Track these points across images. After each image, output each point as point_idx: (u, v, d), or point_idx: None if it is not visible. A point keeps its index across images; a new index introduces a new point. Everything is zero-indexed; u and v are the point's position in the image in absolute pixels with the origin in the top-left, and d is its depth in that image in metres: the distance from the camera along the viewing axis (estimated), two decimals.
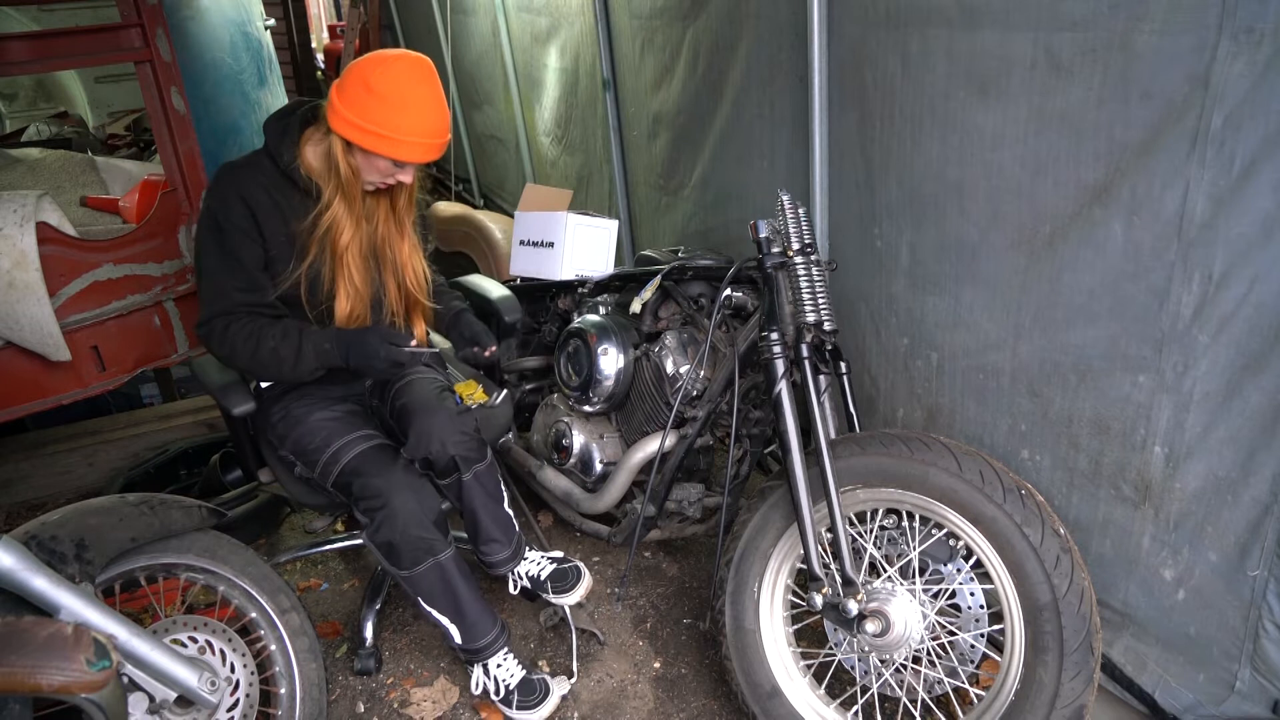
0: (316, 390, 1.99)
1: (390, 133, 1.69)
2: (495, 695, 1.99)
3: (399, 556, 1.86)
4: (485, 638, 1.95)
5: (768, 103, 2.36)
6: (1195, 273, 1.37)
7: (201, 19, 3.57)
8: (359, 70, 1.70)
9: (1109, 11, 1.38)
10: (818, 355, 1.84)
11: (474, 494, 1.97)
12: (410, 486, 1.85)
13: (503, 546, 2.07)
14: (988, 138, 1.66)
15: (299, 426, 1.94)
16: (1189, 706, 1.57)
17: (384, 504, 1.81)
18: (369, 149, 1.72)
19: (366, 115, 1.68)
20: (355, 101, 1.69)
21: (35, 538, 1.45)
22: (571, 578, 2.11)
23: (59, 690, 1.22)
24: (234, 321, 1.81)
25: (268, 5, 5.22)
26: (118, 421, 3.30)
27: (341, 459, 1.87)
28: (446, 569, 1.90)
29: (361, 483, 1.83)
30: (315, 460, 1.90)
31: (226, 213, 1.79)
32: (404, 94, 1.68)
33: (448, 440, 1.85)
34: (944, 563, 1.71)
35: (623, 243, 3.48)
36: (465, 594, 1.93)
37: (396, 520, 1.81)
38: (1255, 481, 1.39)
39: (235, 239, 1.80)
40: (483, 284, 2.44)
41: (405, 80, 1.69)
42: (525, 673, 1.99)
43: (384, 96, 1.67)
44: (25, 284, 2.47)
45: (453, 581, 1.91)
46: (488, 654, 1.97)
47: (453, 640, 1.96)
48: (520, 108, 4.47)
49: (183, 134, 2.92)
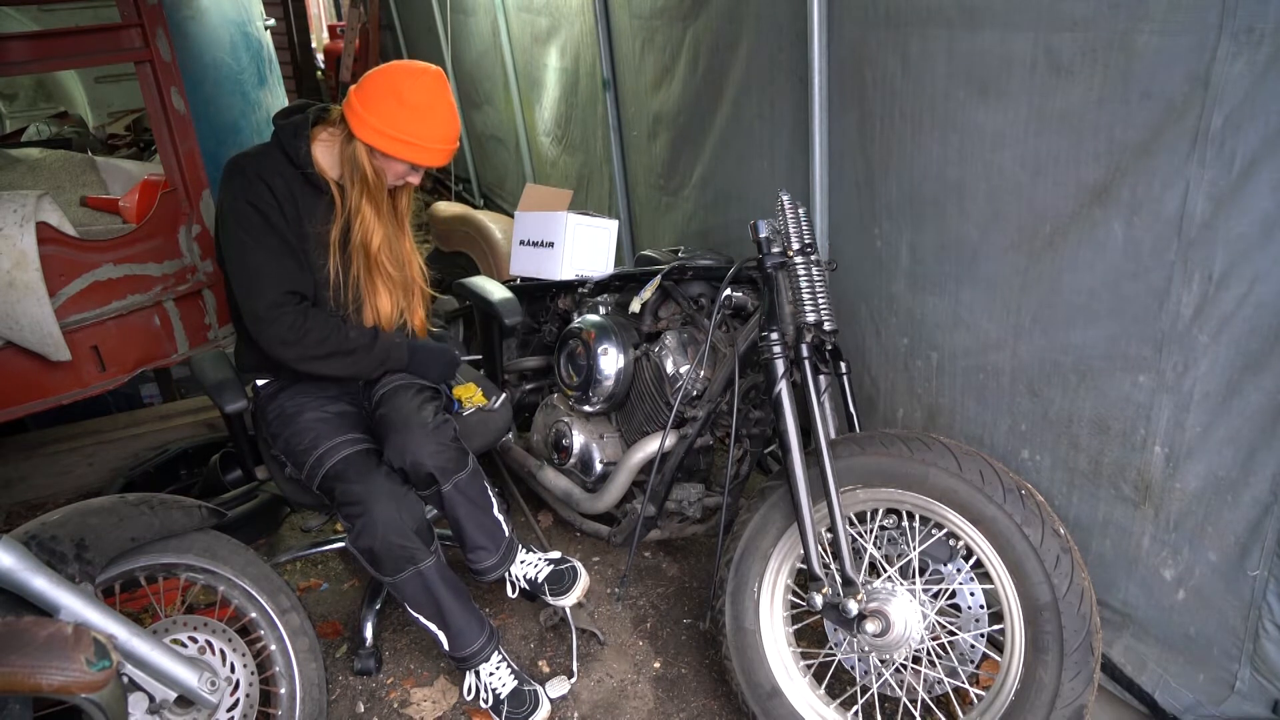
0: (313, 387, 1.99)
1: (418, 140, 1.80)
2: (485, 703, 1.98)
3: (380, 563, 1.85)
4: (471, 646, 1.94)
5: (768, 103, 2.36)
6: (1195, 273, 1.37)
7: (201, 19, 3.57)
8: (387, 81, 1.80)
9: (1109, 11, 1.38)
10: (818, 355, 1.84)
11: (456, 503, 1.94)
12: (391, 495, 1.83)
13: (489, 553, 2.01)
14: (988, 138, 1.66)
15: (290, 426, 1.94)
16: (1189, 706, 1.57)
17: (364, 511, 1.80)
18: (396, 155, 1.82)
19: (396, 125, 1.78)
20: (384, 111, 1.78)
21: (35, 538, 1.45)
22: (568, 579, 2.09)
23: (59, 690, 1.22)
24: (310, 307, 1.86)
25: (268, 5, 5.22)
26: (118, 421, 3.30)
27: (326, 463, 1.86)
28: (428, 577, 1.88)
29: (344, 488, 1.83)
30: (302, 462, 1.90)
31: (259, 197, 1.81)
32: (432, 105, 1.81)
33: (423, 453, 1.84)
34: (944, 563, 1.71)
35: (623, 243, 3.48)
36: (449, 602, 1.91)
37: (376, 528, 1.80)
38: (1255, 481, 1.39)
39: (276, 220, 1.83)
40: (484, 285, 2.44)
41: (433, 92, 1.82)
42: (517, 683, 1.97)
43: (415, 107, 1.78)
44: (25, 284, 2.47)
45: (435, 590, 1.89)
46: (475, 661, 1.96)
47: (442, 647, 1.95)
48: (520, 108, 4.46)
49: (183, 134, 2.93)
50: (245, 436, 2.08)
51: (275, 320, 1.81)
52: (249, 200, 1.81)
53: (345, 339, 1.89)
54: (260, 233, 1.82)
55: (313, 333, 1.84)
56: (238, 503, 2.65)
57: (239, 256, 1.83)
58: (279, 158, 1.87)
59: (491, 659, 1.97)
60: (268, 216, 1.82)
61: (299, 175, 1.87)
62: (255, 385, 2.04)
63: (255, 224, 1.81)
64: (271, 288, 1.81)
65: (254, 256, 1.82)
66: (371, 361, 1.96)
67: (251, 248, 1.82)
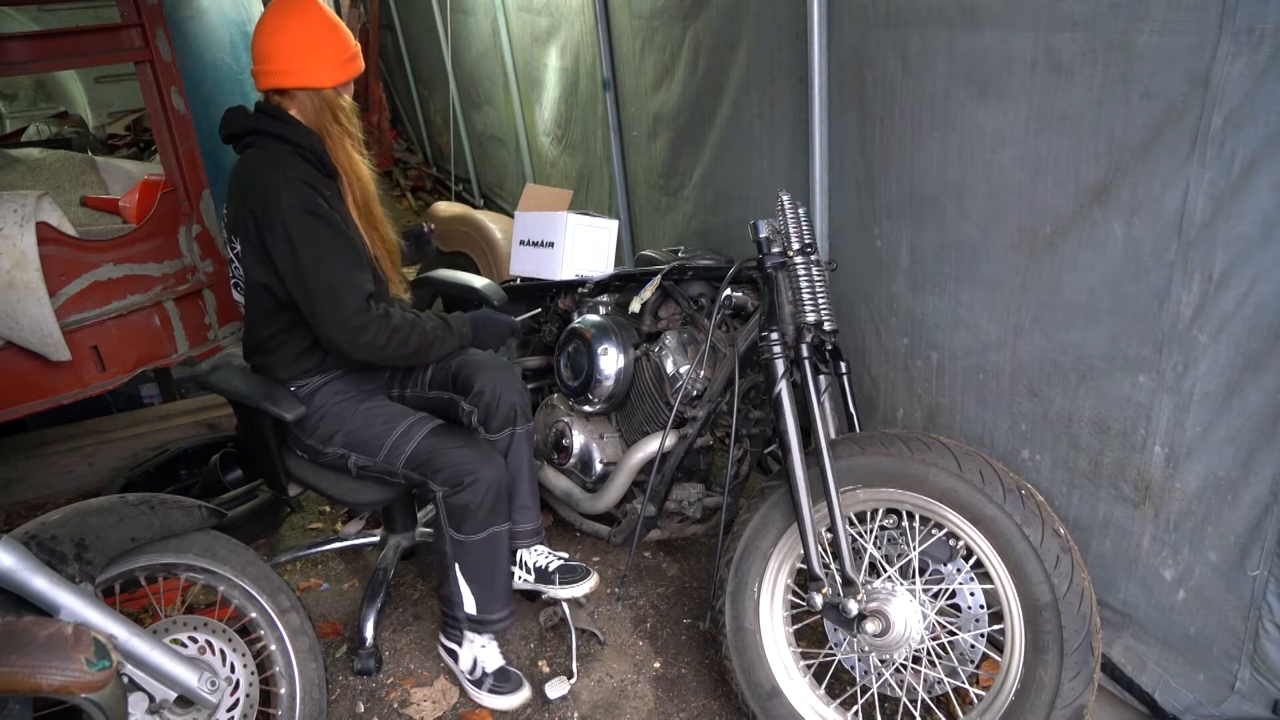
0: (347, 387, 2.03)
1: (352, 44, 1.91)
2: (470, 675, 2.05)
3: (467, 520, 1.93)
4: (500, 613, 2.02)
5: (768, 103, 2.36)
6: (1195, 273, 1.37)
7: (201, 19, 3.58)
8: (291, 29, 1.85)
9: (1109, 11, 1.38)
10: (818, 355, 1.84)
11: (521, 452, 2.05)
12: (493, 460, 1.95)
13: (532, 515, 2.11)
14: (988, 138, 1.66)
15: (349, 419, 1.98)
16: (1189, 706, 1.57)
17: (474, 472, 1.90)
18: (356, 72, 1.91)
19: (336, 49, 1.88)
20: (320, 49, 1.85)
21: (35, 538, 1.45)
22: (580, 573, 2.11)
23: (59, 690, 1.22)
24: (386, 306, 1.89)
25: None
26: (118, 421, 3.30)
27: (414, 436, 1.94)
28: (501, 540, 1.99)
29: (446, 455, 1.91)
30: (380, 445, 1.95)
31: (317, 205, 1.81)
32: (334, 17, 1.90)
33: (512, 391, 2.01)
34: (944, 563, 1.71)
35: (623, 243, 3.48)
36: (503, 566, 2.02)
37: (481, 487, 1.90)
38: (1255, 481, 1.39)
39: (337, 224, 1.85)
40: (459, 276, 2.55)
41: (325, 7, 1.90)
42: (504, 663, 2.07)
43: (325, 24, 1.86)
44: (25, 284, 2.47)
45: (499, 553, 2.00)
46: (493, 628, 2.03)
47: (463, 609, 2.00)
48: (520, 108, 4.46)
49: (183, 134, 2.93)
50: (277, 446, 2.06)
51: (364, 328, 1.83)
52: (308, 209, 1.79)
53: (425, 331, 1.95)
54: (329, 241, 1.82)
55: (399, 331, 1.89)
56: (238, 503, 2.65)
57: (313, 270, 1.80)
58: (289, 156, 1.85)
59: (500, 632, 2.08)
60: (330, 222, 1.83)
61: (311, 165, 1.87)
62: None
63: (323, 234, 1.81)
64: (355, 297, 1.82)
65: (329, 270, 1.81)
66: (451, 344, 2.02)
67: (325, 260, 1.80)
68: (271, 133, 1.85)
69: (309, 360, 1.99)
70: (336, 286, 1.81)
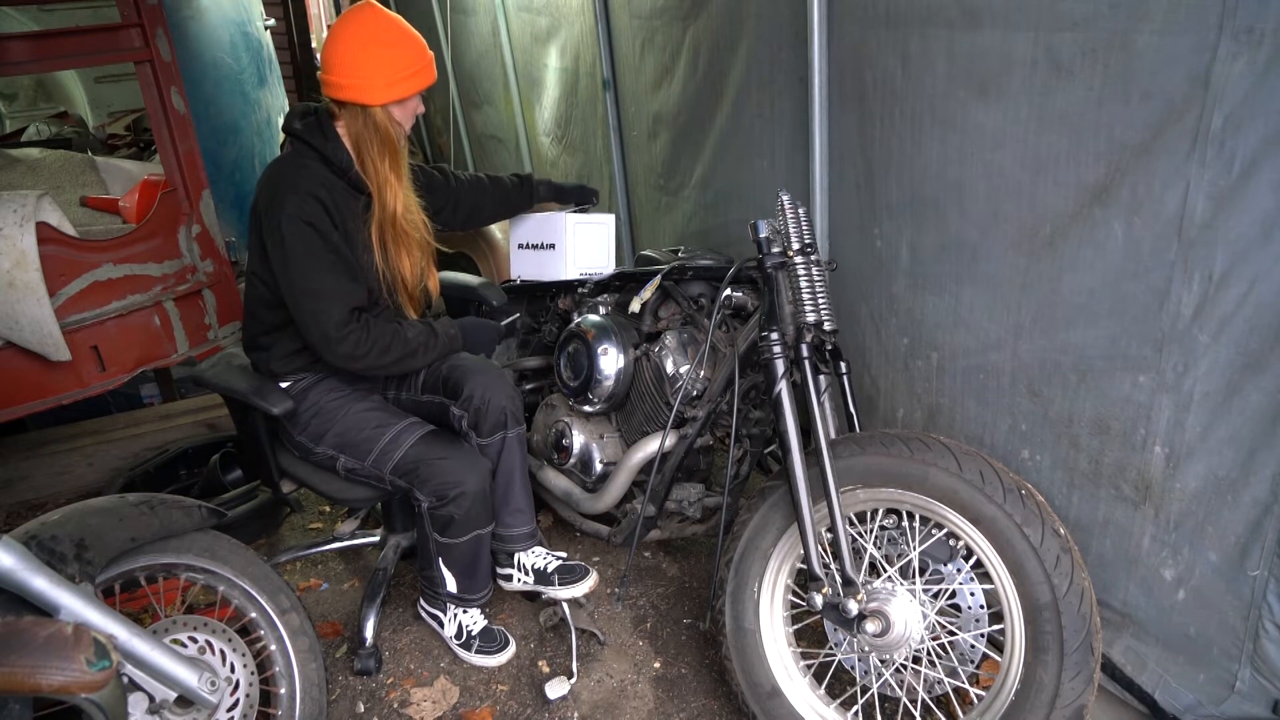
0: (342, 384, 2.04)
1: (418, 63, 1.89)
2: (457, 639, 2.13)
3: (451, 528, 1.98)
4: (481, 591, 2.12)
5: (768, 103, 2.36)
6: (1195, 273, 1.37)
7: (201, 19, 3.58)
8: (356, 41, 1.83)
9: (1109, 11, 1.38)
10: (818, 355, 1.84)
11: (513, 456, 2.06)
12: (478, 470, 1.97)
13: (526, 519, 2.13)
14: (988, 138, 1.66)
15: (339, 420, 1.99)
16: (1189, 706, 1.57)
17: (458, 484, 1.92)
18: (414, 91, 1.90)
19: (397, 66, 1.85)
20: (379, 64, 1.83)
21: (35, 538, 1.45)
22: (579, 573, 2.12)
23: (59, 690, 1.22)
24: (370, 318, 1.91)
25: (268, 5, 5.22)
26: (118, 421, 3.30)
27: (403, 443, 1.95)
28: (484, 542, 2.06)
29: (432, 466, 1.93)
30: (369, 449, 1.97)
31: (317, 216, 1.83)
32: (401, 28, 1.89)
33: (501, 395, 2.01)
34: (944, 563, 1.71)
35: (623, 243, 3.48)
36: (485, 561, 2.10)
37: (466, 501, 1.94)
38: (1255, 481, 1.39)
39: (335, 238, 1.86)
40: (459, 278, 2.53)
41: (390, 19, 1.88)
42: (488, 624, 2.16)
43: (394, 40, 1.85)
44: (25, 284, 2.47)
45: (481, 552, 2.07)
46: (475, 604, 2.13)
47: (445, 588, 2.09)
48: (520, 108, 4.46)
49: (183, 134, 2.93)
50: (268, 442, 2.07)
51: (344, 340, 1.86)
52: (306, 220, 1.82)
53: (407, 340, 1.96)
54: (321, 253, 1.84)
55: (378, 342, 1.90)
56: (238, 503, 2.65)
57: (301, 279, 1.84)
58: (314, 165, 1.89)
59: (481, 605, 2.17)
60: (327, 236, 1.85)
61: (340, 180, 1.90)
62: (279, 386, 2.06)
63: (316, 245, 1.83)
64: (338, 309, 1.85)
65: (317, 280, 1.84)
66: (435, 351, 2.03)
67: (314, 270, 1.84)
68: (305, 139, 1.90)
69: (304, 356, 2.01)
70: (320, 296, 1.84)
